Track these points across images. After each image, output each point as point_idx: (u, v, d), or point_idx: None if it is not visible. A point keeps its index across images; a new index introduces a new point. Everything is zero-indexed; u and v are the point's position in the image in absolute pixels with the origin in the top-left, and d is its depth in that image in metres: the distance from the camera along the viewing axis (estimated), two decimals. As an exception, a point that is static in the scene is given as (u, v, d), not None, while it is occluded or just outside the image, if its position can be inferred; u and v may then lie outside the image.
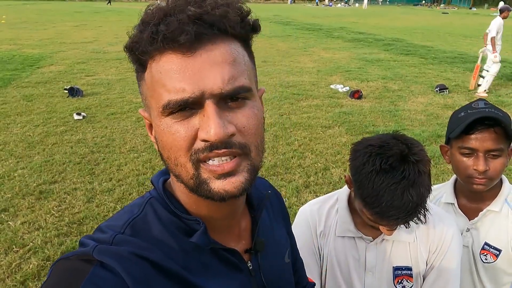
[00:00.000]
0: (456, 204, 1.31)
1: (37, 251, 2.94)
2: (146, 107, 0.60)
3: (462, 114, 1.20)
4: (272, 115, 6.22)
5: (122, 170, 4.32)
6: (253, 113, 0.56)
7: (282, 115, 6.25)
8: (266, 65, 10.27)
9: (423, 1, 72.08)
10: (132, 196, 3.74)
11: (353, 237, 1.13)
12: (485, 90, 7.54)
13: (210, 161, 0.53)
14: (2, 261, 2.83)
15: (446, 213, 1.20)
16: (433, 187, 1.41)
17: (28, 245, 3.01)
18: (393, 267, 1.11)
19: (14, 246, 2.99)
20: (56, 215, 3.43)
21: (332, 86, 8.09)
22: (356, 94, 7.33)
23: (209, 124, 0.51)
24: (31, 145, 4.94)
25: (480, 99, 1.24)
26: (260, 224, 0.70)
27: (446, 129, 1.23)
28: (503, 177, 1.28)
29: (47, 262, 2.82)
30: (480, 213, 1.26)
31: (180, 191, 0.62)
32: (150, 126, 0.61)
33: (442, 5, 65.94)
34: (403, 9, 47.34)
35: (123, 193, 3.81)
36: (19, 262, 2.83)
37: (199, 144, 0.53)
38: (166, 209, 0.61)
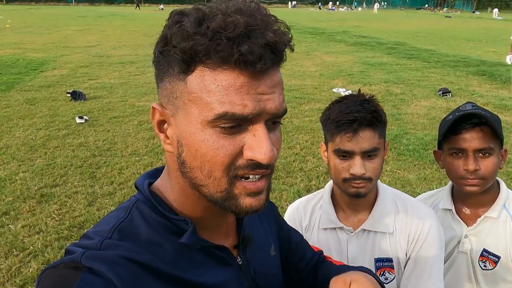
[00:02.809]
0: (453, 210, 1.28)
1: (37, 254, 2.94)
2: (169, 105, 0.57)
3: (450, 117, 1.19)
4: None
5: (123, 173, 4.32)
6: (280, 135, 0.59)
7: (284, 119, 6.18)
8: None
9: (426, 5, 72.14)
10: (133, 200, 3.73)
11: (335, 228, 1.14)
12: None
13: (243, 178, 0.55)
14: (2, 264, 2.83)
15: (424, 205, 1.19)
16: (430, 193, 1.40)
17: (28, 248, 3.00)
18: (374, 258, 1.10)
19: (14, 250, 2.99)
20: (57, 218, 3.43)
21: (334, 90, 8.08)
22: (358, 98, 7.31)
23: (262, 146, 0.53)
24: (33, 149, 4.95)
25: (469, 102, 1.23)
26: (244, 219, 0.72)
27: None
28: (501, 182, 1.27)
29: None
30: (478, 219, 1.24)
31: (177, 194, 0.62)
32: (161, 122, 0.60)
33: (445, 9, 65.96)
34: (406, 13, 47.38)
35: (124, 197, 3.80)
36: (19, 265, 2.82)
37: (241, 161, 0.54)
38: (154, 210, 0.61)
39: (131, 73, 9.70)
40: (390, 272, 1.10)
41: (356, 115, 0.99)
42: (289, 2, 69.63)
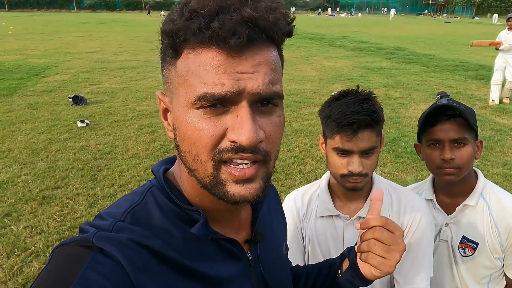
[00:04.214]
0: (435, 200, 1.34)
1: (38, 254, 2.98)
2: (167, 92, 0.58)
3: (427, 111, 1.24)
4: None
5: (124, 176, 4.37)
6: (280, 121, 0.56)
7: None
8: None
9: (426, 11, 72.49)
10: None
11: (332, 216, 1.18)
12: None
13: (231, 163, 0.53)
14: (4, 264, 2.87)
15: (417, 196, 1.24)
16: (414, 185, 1.45)
17: (30, 248, 3.04)
18: None
19: (16, 250, 3.03)
20: (58, 219, 3.47)
21: (333, 94, 8.12)
22: (357, 102, 7.37)
23: (243, 127, 0.51)
24: (35, 152, 5.01)
25: (445, 97, 1.28)
26: (260, 215, 0.70)
27: None
28: (479, 172, 1.32)
29: (48, 266, 2.85)
30: (457, 208, 1.29)
31: (185, 182, 0.62)
32: (165, 110, 0.60)
33: (444, 15, 66.27)
34: (406, 19, 47.61)
35: (124, 199, 3.84)
36: (21, 265, 2.86)
37: (225, 144, 0.52)
38: (167, 198, 0.61)
39: (132, 78, 9.78)
40: None
41: (356, 117, 1.03)
42: (291, 8, 70.14)
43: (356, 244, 0.83)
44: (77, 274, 0.50)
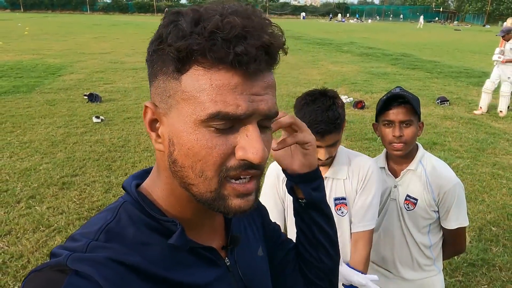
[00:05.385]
0: (386, 168, 1.68)
1: (61, 231, 3.33)
2: (163, 104, 0.57)
3: (384, 97, 1.58)
4: (277, 122, 6.59)
5: (136, 167, 4.72)
6: (271, 139, 0.61)
7: (287, 122, 6.62)
8: (275, 76, 10.69)
9: (437, 18, 72.37)
10: (145, 189, 4.12)
11: None
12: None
13: (233, 179, 0.56)
14: (30, 238, 3.23)
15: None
16: (375, 158, 1.78)
17: (53, 226, 3.40)
18: (333, 198, 1.46)
19: (41, 226, 3.39)
20: (77, 202, 3.83)
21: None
22: (359, 105, 7.67)
23: (254, 146, 0.53)
24: (54, 144, 5.40)
25: (398, 86, 1.62)
26: (233, 220, 0.73)
27: (441, 137, 1.58)
28: (419, 144, 1.66)
29: (70, 240, 3.20)
30: (402, 171, 1.63)
31: (162, 195, 0.63)
32: (153, 121, 0.59)
33: (455, 22, 66.12)
34: (415, 25, 47.71)
35: (137, 186, 4.19)
36: (46, 239, 3.22)
37: (233, 162, 0.54)
38: (141, 211, 0.61)
39: (143, 78, 10.18)
40: (345, 208, 1.47)
41: (322, 126, 1.32)
42: (300, 14, 70.57)
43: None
44: None
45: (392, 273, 1.72)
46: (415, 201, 1.60)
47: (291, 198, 1.37)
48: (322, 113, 1.32)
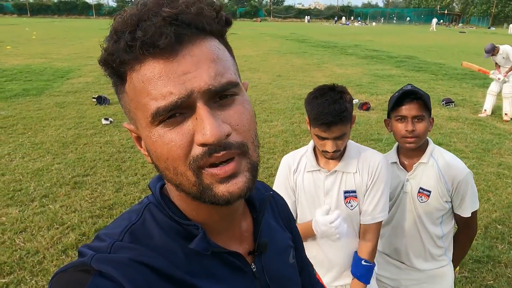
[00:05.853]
0: (398, 162, 1.75)
1: (74, 228, 3.42)
2: (131, 120, 0.58)
3: (396, 94, 1.64)
4: (283, 123, 6.67)
5: (146, 166, 4.81)
6: (244, 108, 0.55)
7: (293, 124, 6.69)
8: (280, 79, 10.80)
9: (441, 20, 72.21)
10: (155, 188, 4.20)
11: (316, 170, 1.57)
12: None
13: (210, 165, 0.52)
14: (45, 235, 3.32)
15: (379, 154, 1.61)
16: (386, 154, 1.84)
17: (66, 223, 3.49)
18: (343, 191, 1.53)
19: (55, 224, 3.48)
20: (89, 201, 3.92)
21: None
22: (364, 106, 7.73)
23: (204, 126, 0.49)
24: (65, 145, 5.51)
25: (409, 84, 1.68)
26: (262, 225, 0.70)
27: (447, 138, 1.63)
28: (429, 139, 1.72)
29: (83, 237, 3.29)
30: (414, 165, 1.69)
31: (178, 197, 0.61)
32: (138, 138, 0.60)
33: (460, 24, 65.97)
34: (420, 28, 47.69)
35: (146, 185, 4.26)
36: (60, 236, 3.31)
37: (196, 150, 0.51)
38: (165, 214, 0.61)
39: (150, 82, 10.29)
40: (354, 201, 1.53)
41: (328, 118, 1.39)
42: (305, 17, 70.74)
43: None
44: None
45: (405, 264, 1.78)
46: (429, 193, 1.66)
47: (302, 188, 1.42)
48: (329, 105, 1.39)
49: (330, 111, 1.39)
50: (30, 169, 4.64)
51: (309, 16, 71.26)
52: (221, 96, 0.52)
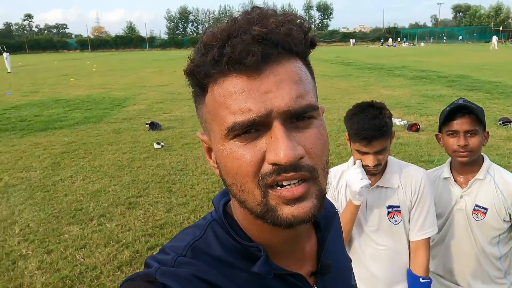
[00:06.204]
0: (451, 178, 1.70)
1: (128, 246, 3.61)
2: (205, 131, 0.59)
3: (447, 108, 1.63)
4: (330, 146, 6.63)
5: (195, 188, 4.99)
6: (320, 133, 0.54)
7: (339, 146, 6.64)
8: (326, 102, 10.80)
9: (496, 37, 68.83)
10: (203, 209, 4.34)
11: None
12: None
13: (278, 186, 0.51)
14: (102, 251, 3.53)
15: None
16: (435, 168, 1.81)
17: (121, 241, 3.70)
18: (386, 206, 1.52)
19: (111, 241, 3.70)
20: (142, 220, 4.13)
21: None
22: (413, 127, 7.50)
23: (278, 146, 0.49)
24: (120, 168, 5.86)
25: (461, 98, 1.66)
26: (326, 245, 0.68)
27: (505, 158, 1.60)
28: (485, 156, 1.67)
29: (137, 254, 3.46)
30: (469, 181, 1.64)
31: (242, 215, 0.61)
32: (209, 150, 0.61)
33: (517, 41, 62.43)
34: (472, 47, 45.77)
35: (195, 206, 4.43)
36: (115, 253, 3.50)
37: (266, 168, 0.51)
38: (227, 233, 0.61)
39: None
40: (398, 216, 1.53)
41: (368, 133, 1.43)
42: (350, 40, 70.58)
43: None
44: None
45: (462, 286, 1.71)
46: (485, 210, 1.61)
47: (344, 203, 1.44)
48: (369, 121, 1.43)
49: (370, 126, 1.42)
50: (90, 190, 4.99)
51: (354, 40, 71.04)
52: (298, 117, 0.52)
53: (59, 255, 3.49)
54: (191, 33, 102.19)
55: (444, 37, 73.42)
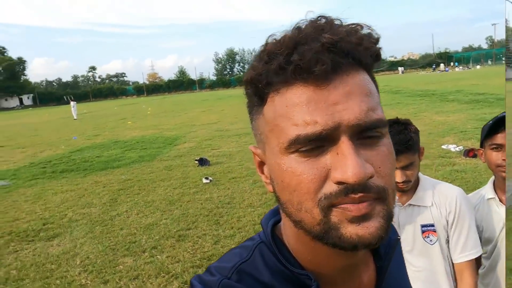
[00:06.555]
0: (496, 198, 1.59)
1: (177, 277, 3.69)
2: (259, 144, 0.56)
3: (490, 122, 1.56)
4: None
5: (241, 221, 5.03)
6: (389, 151, 0.50)
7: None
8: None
9: (561, 55, 64.01)
10: (250, 240, 4.36)
11: None
12: None
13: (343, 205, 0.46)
14: (153, 282, 3.64)
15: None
16: (478, 190, 1.71)
17: (171, 272, 3.79)
18: (420, 225, 1.46)
19: (161, 272, 3.81)
20: (191, 252, 4.22)
21: (443, 147, 7.94)
22: (471, 153, 7.08)
23: (346, 163, 0.44)
24: (171, 202, 6.09)
25: (504, 111, 1.59)
26: (387, 276, 0.61)
27: None
28: None
29: (185, 285, 3.52)
30: None
31: (294, 237, 0.56)
32: (261, 164, 0.57)
33: None
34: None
35: (242, 238, 4.46)
36: (165, 284, 3.59)
37: (330, 187, 0.46)
38: (275, 256, 0.57)
39: (246, 143, 10.96)
40: (433, 235, 1.46)
41: (395, 148, 1.44)
42: (398, 68, 69.27)
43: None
44: None
45: None
46: None
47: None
48: (394, 136, 1.42)
49: (395, 141, 1.41)
50: (143, 224, 5.21)
51: (403, 67, 69.62)
52: (366, 133, 0.48)
53: (114, 285, 3.65)
54: (237, 72, 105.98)
55: (503, 59, 69.69)
